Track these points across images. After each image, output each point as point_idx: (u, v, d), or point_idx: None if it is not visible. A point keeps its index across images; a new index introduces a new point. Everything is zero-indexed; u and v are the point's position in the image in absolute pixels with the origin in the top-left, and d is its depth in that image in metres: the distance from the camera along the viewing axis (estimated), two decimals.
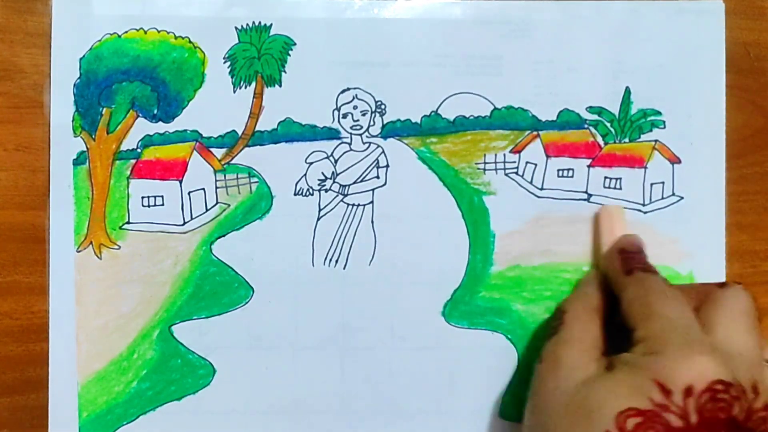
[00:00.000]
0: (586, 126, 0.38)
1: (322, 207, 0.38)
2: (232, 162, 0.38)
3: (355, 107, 0.38)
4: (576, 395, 0.30)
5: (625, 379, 0.29)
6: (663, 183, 0.38)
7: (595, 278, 0.36)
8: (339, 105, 0.38)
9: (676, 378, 0.28)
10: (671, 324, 0.30)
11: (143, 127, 0.38)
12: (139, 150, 0.38)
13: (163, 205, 0.38)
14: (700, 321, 0.31)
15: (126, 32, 0.37)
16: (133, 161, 0.38)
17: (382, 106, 0.38)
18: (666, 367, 0.28)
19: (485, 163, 0.38)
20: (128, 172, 0.38)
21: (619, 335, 0.32)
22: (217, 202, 0.38)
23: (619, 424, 0.28)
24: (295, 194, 0.38)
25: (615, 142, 0.38)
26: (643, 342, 0.30)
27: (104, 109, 0.37)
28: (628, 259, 0.34)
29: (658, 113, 0.38)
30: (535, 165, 0.38)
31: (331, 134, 0.38)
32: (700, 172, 0.38)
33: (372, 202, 0.38)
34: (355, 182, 0.38)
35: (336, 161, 0.38)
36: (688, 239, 0.38)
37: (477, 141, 0.38)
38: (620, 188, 0.38)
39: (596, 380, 0.30)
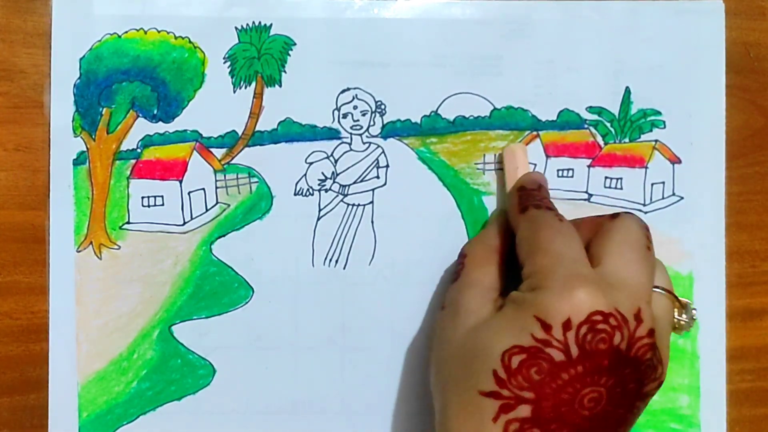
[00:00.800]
0: (586, 126, 0.38)
1: (322, 207, 0.38)
2: (232, 162, 0.38)
3: (355, 107, 0.38)
4: (467, 339, 0.30)
5: (510, 318, 0.29)
6: (663, 183, 0.38)
7: (496, 219, 0.36)
8: (339, 105, 0.38)
9: (554, 312, 0.27)
10: (556, 258, 0.29)
11: (143, 127, 0.38)
12: (139, 150, 0.38)
13: (163, 205, 0.38)
14: (589, 253, 0.30)
15: (126, 32, 0.37)
16: (133, 161, 0.38)
17: (382, 106, 0.38)
18: (546, 302, 0.28)
19: (485, 163, 0.38)
20: (128, 172, 0.38)
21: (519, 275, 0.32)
22: (217, 202, 0.38)
23: (504, 363, 0.27)
24: (295, 194, 0.38)
25: (615, 142, 0.38)
26: (529, 278, 0.29)
27: (104, 109, 0.37)
28: (525, 196, 0.34)
29: (658, 113, 0.38)
30: (535, 165, 0.38)
31: (331, 134, 0.38)
32: (700, 172, 0.38)
33: (372, 202, 0.38)
34: (355, 182, 0.38)
35: (336, 161, 0.38)
36: (688, 239, 0.38)
37: (477, 141, 0.38)
38: (621, 188, 0.38)
39: (486, 322, 0.30)
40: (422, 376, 0.38)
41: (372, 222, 0.38)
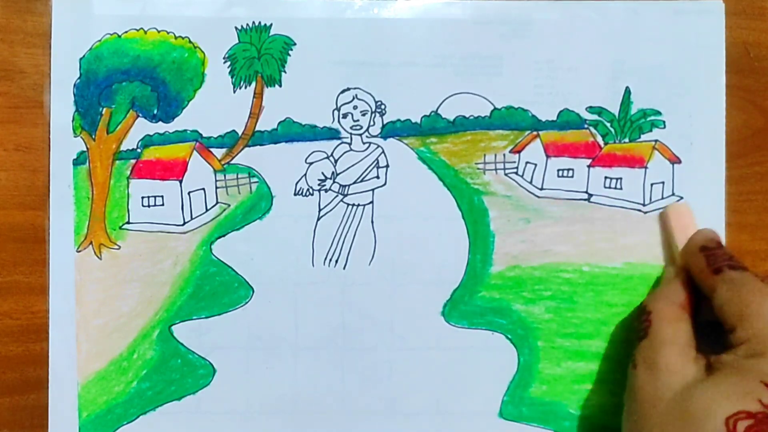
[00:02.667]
0: (586, 126, 0.38)
1: (322, 207, 0.38)
2: (232, 162, 0.38)
3: (355, 107, 0.38)
4: (679, 400, 0.30)
5: (732, 382, 0.29)
6: (663, 183, 0.38)
7: (677, 275, 0.35)
8: (339, 105, 0.38)
9: None
10: None
11: (143, 127, 0.38)
12: (139, 150, 0.38)
13: (163, 205, 0.38)
14: None
15: (126, 32, 0.37)
16: (133, 161, 0.38)
17: (382, 106, 0.38)
18: None
19: (485, 163, 0.38)
20: (128, 172, 0.38)
21: (706, 334, 0.32)
22: (217, 202, 0.38)
23: (728, 428, 0.28)
24: (295, 194, 0.38)
25: (615, 142, 0.38)
26: (745, 343, 0.30)
27: (104, 109, 0.37)
28: (713, 256, 0.34)
29: (658, 113, 0.38)
30: (535, 165, 0.38)
31: (331, 134, 0.38)
32: (700, 172, 0.38)
33: (372, 202, 0.38)
34: (355, 182, 0.38)
35: (336, 161, 0.38)
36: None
37: (477, 141, 0.38)
38: (620, 188, 0.38)
39: (699, 384, 0.30)
40: (422, 376, 0.38)
41: (372, 222, 0.38)
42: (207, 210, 0.38)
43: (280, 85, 0.38)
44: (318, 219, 0.38)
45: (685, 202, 0.38)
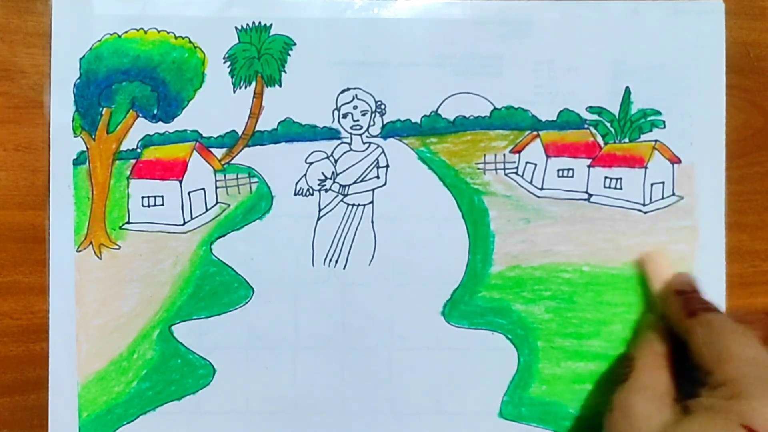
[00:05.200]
0: (586, 126, 0.38)
1: (322, 207, 0.38)
2: (232, 162, 0.38)
3: (355, 107, 0.38)
4: None
5: (711, 425, 0.29)
6: (663, 183, 0.38)
7: (657, 323, 0.36)
8: (339, 105, 0.38)
9: (762, 420, 0.28)
10: (749, 364, 0.30)
11: (143, 127, 0.38)
12: (139, 150, 0.38)
13: (163, 205, 0.38)
14: None
15: (126, 32, 0.37)
16: (133, 161, 0.38)
17: (382, 106, 0.38)
18: (752, 409, 0.28)
19: (485, 163, 0.38)
20: (128, 172, 0.38)
21: (684, 378, 0.32)
22: (217, 202, 0.38)
23: None
24: (295, 194, 0.38)
25: (615, 142, 0.38)
26: (724, 385, 0.30)
27: (104, 109, 0.37)
28: (688, 300, 0.34)
29: (658, 113, 0.38)
30: (535, 165, 0.38)
31: (331, 134, 0.38)
32: (700, 172, 0.38)
33: (372, 202, 0.38)
34: (355, 182, 0.38)
35: (336, 161, 0.38)
36: (688, 239, 0.38)
37: (477, 141, 0.38)
38: (620, 188, 0.38)
39: (676, 427, 0.30)
40: (422, 376, 0.38)
41: (372, 222, 0.38)
42: (207, 210, 0.38)
43: (280, 85, 0.38)
44: (318, 219, 0.38)
45: (659, 249, 0.38)
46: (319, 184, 0.38)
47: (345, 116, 0.38)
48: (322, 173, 0.38)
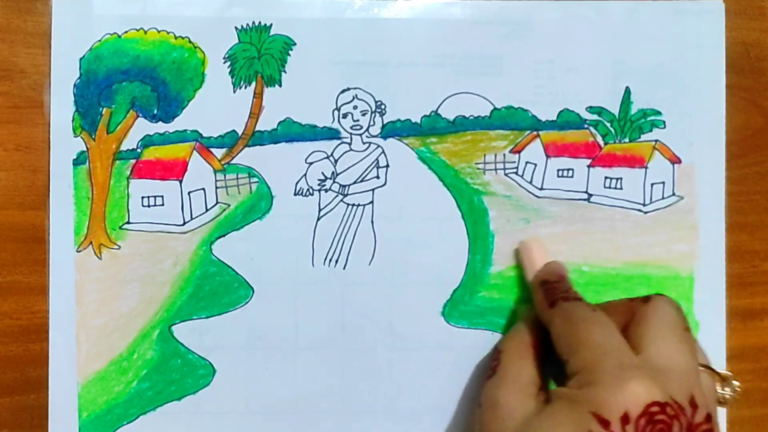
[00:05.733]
0: (586, 126, 0.38)
1: (322, 207, 0.38)
2: (232, 162, 0.38)
3: (355, 107, 0.38)
4: None
5: (565, 414, 0.28)
6: (663, 183, 0.38)
7: (527, 314, 0.36)
8: (339, 105, 0.38)
9: (611, 407, 0.27)
10: (601, 351, 0.29)
11: (143, 127, 0.38)
12: (139, 150, 0.38)
13: (163, 205, 0.38)
14: (629, 340, 0.30)
15: (126, 32, 0.37)
16: (133, 161, 0.38)
17: (382, 106, 0.38)
18: (600, 397, 0.28)
19: (485, 163, 0.38)
20: (128, 172, 0.38)
21: (559, 369, 0.32)
22: (217, 202, 0.38)
23: None
24: (295, 194, 0.38)
25: (615, 142, 0.38)
26: (576, 374, 0.29)
27: (104, 109, 0.37)
28: (550, 290, 0.34)
29: (658, 113, 0.38)
30: (535, 165, 0.38)
31: (331, 134, 0.38)
32: (700, 172, 0.38)
33: (372, 202, 0.38)
34: (355, 182, 0.38)
35: (336, 161, 0.38)
36: (688, 239, 0.38)
37: (477, 141, 0.38)
38: (620, 188, 0.38)
39: (536, 418, 0.30)
40: (422, 376, 0.38)
41: (372, 222, 0.38)
42: (207, 210, 0.38)
43: (280, 85, 0.38)
44: (318, 219, 0.38)
45: (534, 236, 0.38)
46: (319, 184, 0.38)
47: (345, 116, 0.38)
48: (322, 173, 0.38)
